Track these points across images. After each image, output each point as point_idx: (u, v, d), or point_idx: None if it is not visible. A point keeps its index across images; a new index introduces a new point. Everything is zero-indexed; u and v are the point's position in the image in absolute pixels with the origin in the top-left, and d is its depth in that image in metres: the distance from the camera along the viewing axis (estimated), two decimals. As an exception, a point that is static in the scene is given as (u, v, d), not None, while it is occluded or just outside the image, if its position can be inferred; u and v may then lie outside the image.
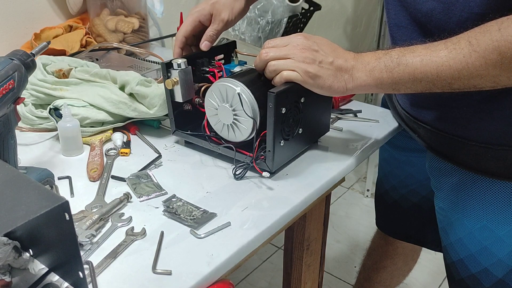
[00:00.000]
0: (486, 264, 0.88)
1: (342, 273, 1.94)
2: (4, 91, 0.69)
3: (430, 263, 1.85)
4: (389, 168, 1.19)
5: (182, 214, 0.74)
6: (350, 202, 2.34)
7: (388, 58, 0.74)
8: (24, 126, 0.99)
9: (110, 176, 0.84)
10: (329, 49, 0.78)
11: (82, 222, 0.70)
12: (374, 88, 0.77)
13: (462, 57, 0.68)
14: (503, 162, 0.81)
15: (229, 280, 0.67)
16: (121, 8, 1.33)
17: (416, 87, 0.74)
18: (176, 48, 0.94)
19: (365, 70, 0.76)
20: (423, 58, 0.71)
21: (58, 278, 0.62)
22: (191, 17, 0.93)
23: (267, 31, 1.73)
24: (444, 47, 0.70)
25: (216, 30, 0.92)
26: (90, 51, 1.26)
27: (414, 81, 0.73)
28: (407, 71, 0.73)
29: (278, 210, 0.75)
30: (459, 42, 0.69)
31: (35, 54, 0.74)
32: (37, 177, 0.77)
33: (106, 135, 0.95)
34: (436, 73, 0.71)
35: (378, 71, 0.75)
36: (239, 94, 0.80)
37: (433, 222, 1.02)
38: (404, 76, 0.73)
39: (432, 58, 0.71)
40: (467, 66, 0.68)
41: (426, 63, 0.71)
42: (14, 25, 1.25)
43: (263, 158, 0.83)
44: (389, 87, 0.76)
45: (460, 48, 0.68)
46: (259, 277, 1.91)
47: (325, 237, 1.06)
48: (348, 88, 0.77)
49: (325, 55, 0.77)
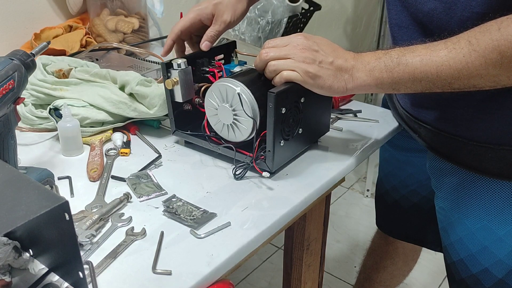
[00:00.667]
0: (486, 264, 0.88)
1: (342, 273, 1.94)
2: (4, 91, 0.69)
3: (430, 263, 1.85)
4: (390, 168, 1.19)
5: (182, 214, 0.74)
6: (350, 202, 2.34)
7: (388, 58, 0.74)
8: (24, 126, 0.99)
9: (110, 176, 0.84)
10: (329, 49, 0.78)
11: (82, 222, 0.70)
12: (374, 88, 0.77)
13: (462, 57, 0.68)
14: (503, 162, 0.81)
15: (229, 280, 0.67)
16: (121, 8, 1.33)
17: (416, 87, 0.74)
18: (168, 40, 0.93)
19: (365, 70, 0.76)
20: (423, 58, 0.71)
21: (58, 278, 0.61)
22: (192, 13, 0.93)
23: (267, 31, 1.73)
24: (444, 47, 0.70)
25: (217, 31, 0.92)
26: (90, 51, 1.26)
27: (414, 81, 0.73)
28: (407, 71, 0.73)
29: (278, 210, 0.75)
30: (459, 42, 0.69)
31: (35, 54, 0.74)
32: (37, 177, 0.77)
33: (106, 135, 0.95)
34: (436, 72, 0.71)
35: (378, 71, 0.75)
36: (239, 94, 0.80)
37: (433, 222, 1.02)
38: (404, 76, 0.73)
39: (432, 58, 0.71)
40: (467, 65, 0.68)
41: (426, 63, 0.71)
42: (14, 25, 1.25)
43: (263, 158, 0.83)
44: (389, 87, 0.76)
45: (460, 48, 0.68)
46: (259, 277, 1.91)
47: (325, 237, 1.06)
48: (348, 88, 0.77)
49: (325, 55, 0.77)
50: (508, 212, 0.84)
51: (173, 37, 0.93)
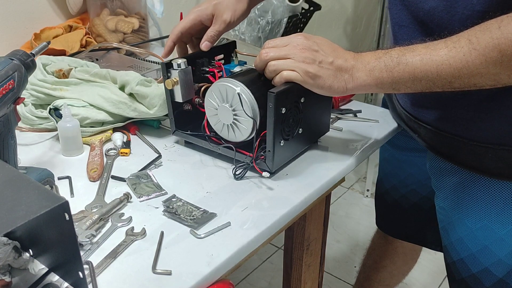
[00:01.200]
0: (486, 263, 0.88)
1: (342, 273, 1.94)
2: (4, 91, 0.69)
3: (430, 263, 1.85)
4: (390, 168, 1.19)
5: (182, 214, 0.74)
6: (350, 202, 2.34)
7: (388, 58, 0.74)
8: (24, 126, 0.99)
9: (110, 176, 0.84)
10: (329, 49, 0.78)
11: (82, 222, 0.70)
12: (374, 88, 0.77)
13: (462, 56, 0.68)
14: (504, 162, 0.81)
15: (229, 280, 0.67)
16: (121, 8, 1.33)
17: (416, 86, 0.74)
18: (168, 41, 0.93)
19: (365, 69, 0.76)
20: (423, 57, 0.71)
21: (58, 278, 0.61)
22: (192, 15, 0.93)
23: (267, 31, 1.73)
24: (444, 46, 0.70)
25: (217, 31, 0.92)
26: (90, 51, 1.26)
27: (414, 81, 0.73)
28: (407, 71, 0.73)
29: (278, 210, 0.75)
30: (459, 41, 0.69)
31: (35, 54, 0.74)
32: (37, 177, 0.77)
33: (106, 135, 0.95)
34: (436, 72, 0.70)
35: (378, 70, 0.75)
36: (239, 94, 0.80)
37: (433, 222, 1.02)
38: (404, 76, 0.73)
39: (432, 57, 0.71)
40: (467, 64, 0.68)
41: (426, 62, 0.71)
42: (14, 25, 1.25)
43: (263, 158, 0.83)
44: (389, 87, 0.76)
45: (460, 47, 0.68)
46: (259, 277, 1.91)
47: (325, 237, 1.06)
48: (348, 88, 0.77)
49: (325, 55, 0.77)
50: (509, 212, 0.84)
51: (173, 39, 0.93)
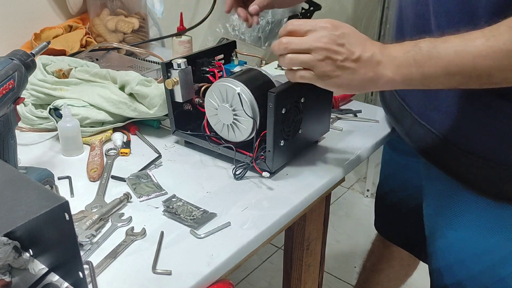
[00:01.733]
0: (460, 277, 0.85)
1: (342, 273, 1.93)
2: (4, 91, 0.69)
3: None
4: (390, 171, 1.18)
5: (182, 214, 0.74)
6: (350, 202, 2.34)
7: (417, 51, 0.66)
8: (24, 126, 0.99)
9: (110, 176, 0.84)
10: (356, 41, 0.69)
11: (82, 222, 0.70)
12: (400, 85, 0.69)
13: (502, 45, 0.61)
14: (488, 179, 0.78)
15: (229, 280, 0.67)
16: (121, 8, 1.33)
17: (450, 82, 0.66)
18: None
19: (392, 66, 0.68)
20: (457, 49, 0.64)
21: (58, 278, 0.61)
22: None
23: (267, 31, 1.73)
24: (481, 35, 0.63)
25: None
26: (90, 51, 1.26)
27: (448, 76, 0.65)
28: (439, 65, 0.65)
29: (278, 210, 0.75)
30: (498, 28, 0.62)
31: (35, 54, 0.74)
32: (37, 177, 0.77)
33: (106, 135, 0.95)
34: (473, 65, 0.63)
35: (406, 66, 0.67)
36: (239, 94, 0.80)
37: None
38: (436, 71, 0.65)
39: (467, 49, 0.63)
40: (507, 54, 0.61)
41: (461, 54, 0.63)
42: (14, 25, 1.26)
43: (263, 158, 0.83)
44: (418, 83, 0.68)
45: (499, 35, 0.61)
46: (259, 277, 1.91)
47: (325, 237, 1.06)
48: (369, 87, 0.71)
49: (350, 50, 0.69)
50: (487, 228, 0.81)
51: None
